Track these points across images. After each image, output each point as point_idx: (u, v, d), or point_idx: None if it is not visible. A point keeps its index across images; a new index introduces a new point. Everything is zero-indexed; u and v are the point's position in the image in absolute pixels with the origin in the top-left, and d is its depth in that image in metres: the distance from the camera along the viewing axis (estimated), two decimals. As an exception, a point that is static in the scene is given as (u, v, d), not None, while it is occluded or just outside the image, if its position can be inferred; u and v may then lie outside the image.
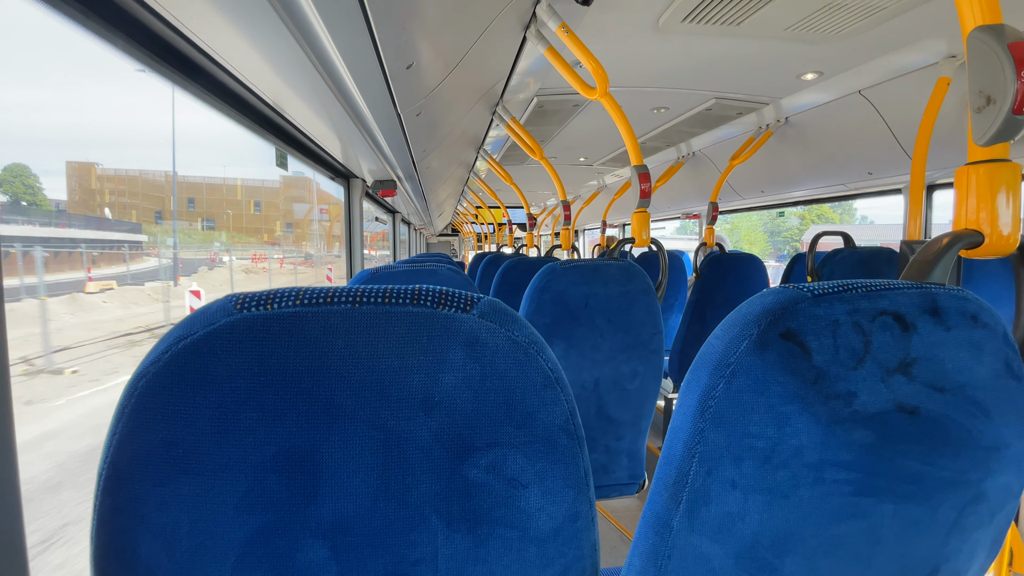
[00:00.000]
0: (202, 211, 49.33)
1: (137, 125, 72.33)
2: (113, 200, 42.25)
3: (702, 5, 1.39)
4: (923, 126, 1.62)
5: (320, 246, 52.19)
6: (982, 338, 0.47)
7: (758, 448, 0.44)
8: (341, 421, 0.39)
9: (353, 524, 0.40)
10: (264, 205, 51.48)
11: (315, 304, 0.39)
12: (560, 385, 0.42)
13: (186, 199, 47.96)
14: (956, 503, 0.48)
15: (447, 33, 1.21)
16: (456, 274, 1.23)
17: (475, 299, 0.41)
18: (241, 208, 51.03)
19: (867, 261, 1.82)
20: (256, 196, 51.37)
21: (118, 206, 42.12)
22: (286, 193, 51.31)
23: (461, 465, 0.41)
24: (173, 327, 0.39)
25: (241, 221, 50.87)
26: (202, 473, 0.38)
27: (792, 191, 2.93)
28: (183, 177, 48.83)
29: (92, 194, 41.18)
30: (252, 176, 65.35)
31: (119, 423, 0.38)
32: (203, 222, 48.97)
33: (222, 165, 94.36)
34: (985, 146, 0.58)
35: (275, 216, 52.08)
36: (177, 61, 0.98)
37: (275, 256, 37.41)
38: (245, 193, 51.33)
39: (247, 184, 51.59)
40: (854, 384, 0.44)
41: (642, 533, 0.51)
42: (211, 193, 50.21)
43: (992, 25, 0.57)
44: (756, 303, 0.46)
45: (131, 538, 0.38)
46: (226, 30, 0.88)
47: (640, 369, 1.43)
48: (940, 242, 0.55)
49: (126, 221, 39.42)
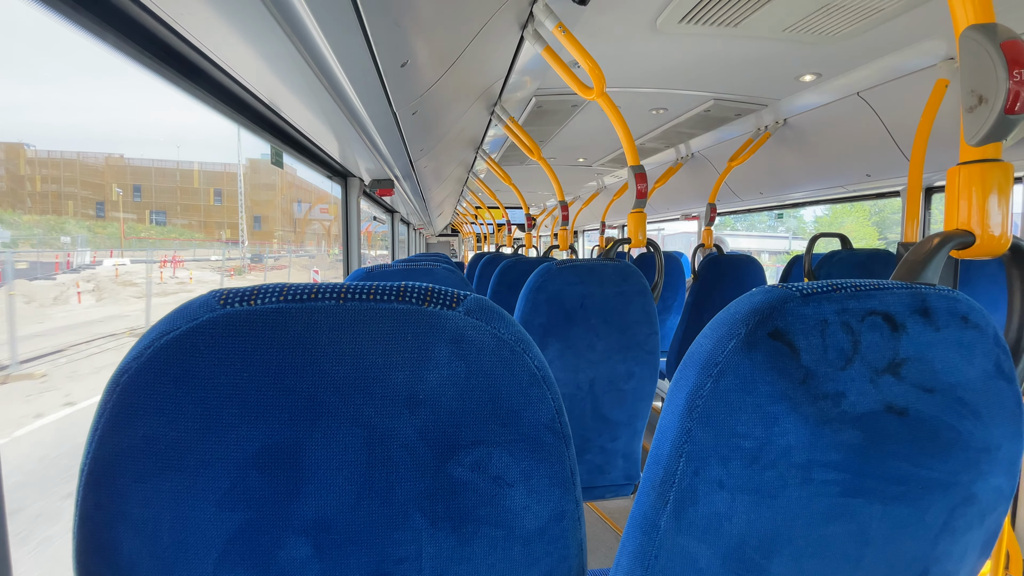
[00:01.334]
0: (150, 201, 40.49)
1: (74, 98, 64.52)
2: (46, 189, 35.39)
3: (699, 6, 1.38)
4: (921, 128, 1.62)
5: (313, 245, 45.41)
6: (972, 339, 0.47)
7: (745, 448, 0.44)
8: (324, 418, 0.39)
9: (336, 522, 0.40)
10: (227, 195, 42.99)
11: (299, 300, 0.39)
12: (546, 383, 0.42)
13: (131, 186, 39.86)
14: (946, 504, 0.47)
15: (442, 31, 1.21)
16: (452, 273, 1.23)
17: (461, 296, 0.41)
18: (199, 197, 42.59)
19: (864, 263, 1.82)
20: (217, 182, 43.07)
21: (52, 196, 35.50)
22: (255, 180, 43.61)
23: (446, 463, 0.40)
24: (156, 323, 0.39)
25: (199, 214, 42.41)
26: (184, 469, 0.38)
27: (791, 193, 2.93)
28: (128, 160, 40.46)
29: (21, 181, 34.59)
30: (213, 159, 56.85)
31: (101, 419, 0.37)
32: (152, 215, 40.59)
33: (175, 145, 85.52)
34: (977, 146, 0.58)
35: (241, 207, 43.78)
36: (171, 59, 0.98)
37: (240, 257, 32.66)
38: (203, 180, 42.84)
39: (207, 169, 43.07)
40: (843, 384, 0.43)
41: (630, 533, 0.51)
42: (163, 179, 41.36)
43: (984, 24, 0.56)
44: (744, 302, 0.46)
45: (113, 535, 0.38)
46: (219, 28, 0.87)
47: (636, 370, 1.43)
48: (931, 242, 0.55)
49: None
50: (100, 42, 0.83)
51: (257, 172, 43.87)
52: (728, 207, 3.50)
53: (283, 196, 44.34)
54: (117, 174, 39.28)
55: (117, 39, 0.83)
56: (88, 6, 0.77)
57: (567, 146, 3.27)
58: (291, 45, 0.87)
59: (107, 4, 0.79)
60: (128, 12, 0.81)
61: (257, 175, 44.20)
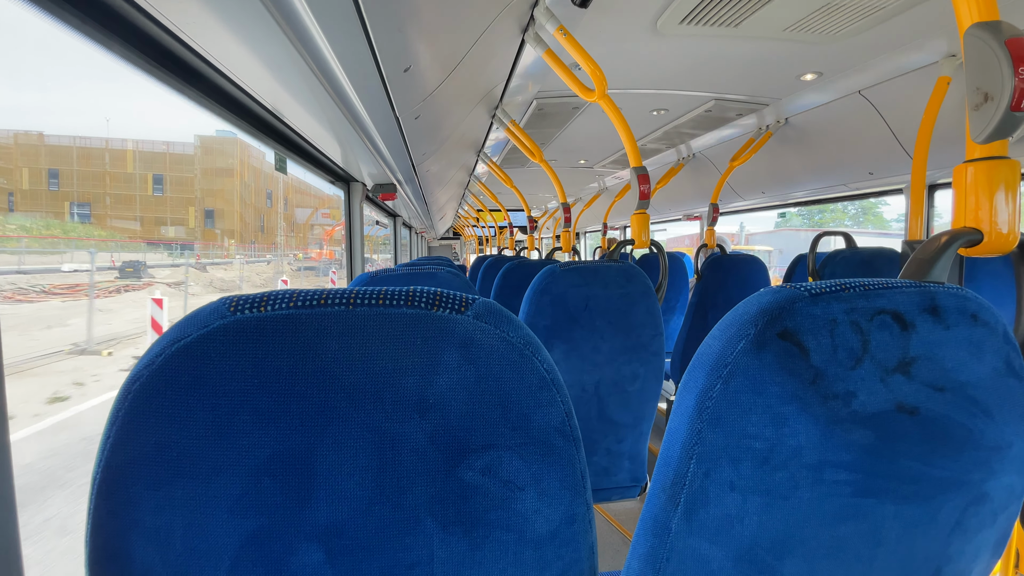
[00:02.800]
0: (70, 190, 31.51)
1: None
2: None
3: (700, 6, 1.39)
4: (923, 126, 1.62)
5: (280, 248, 38.10)
6: (982, 337, 0.47)
7: (756, 449, 0.44)
8: (335, 424, 0.39)
9: (348, 527, 0.40)
10: (170, 182, 33.71)
11: (309, 306, 0.39)
12: (556, 386, 0.42)
13: (45, 171, 30.88)
14: (958, 504, 0.47)
15: (444, 36, 1.22)
16: (456, 277, 1.23)
17: (470, 300, 0.41)
18: (133, 186, 32.85)
19: (869, 261, 1.81)
20: (156, 167, 33.47)
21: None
22: (207, 163, 34.20)
23: (456, 467, 0.40)
24: (167, 330, 0.39)
25: (133, 206, 32.78)
26: (196, 477, 0.38)
27: (793, 192, 2.92)
28: (47, 139, 31.51)
29: None
30: (152, 136, 41.92)
31: (113, 427, 0.38)
32: (73, 208, 31.72)
33: (104, 118, 68.32)
34: (983, 143, 0.58)
35: (187, 199, 34.16)
36: (176, 67, 0.98)
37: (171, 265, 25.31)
38: (140, 163, 33.05)
39: (143, 149, 33.23)
40: (853, 384, 0.43)
41: (640, 536, 0.50)
42: (86, 162, 31.80)
43: (989, 22, 0.56)
44: (753, 303, 0.46)
45: (125, 542, 0.38)
46: (223, 35, 0.88)
47: (641, 371, 1.43)
48: (939, 240, 0.55)
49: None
50: (106, 51, 0.83)
51: (210, 154, 34.17)
52: (730, 207, 3.50)
53: (243, 183, 35.26)
54: (30, 156, 30.76)
55: (123, 48, 0.84)
56: (93, 14, 0.77)
57: (568, 148, 3.27)
58: (295, 51, 0.87)
59: (113, 13, 0.79)
60: (134, 21, 0.82)
61: (210, 158, 34.29)
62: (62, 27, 0.75)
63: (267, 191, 39.97)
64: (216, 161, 34.92)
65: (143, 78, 0.92)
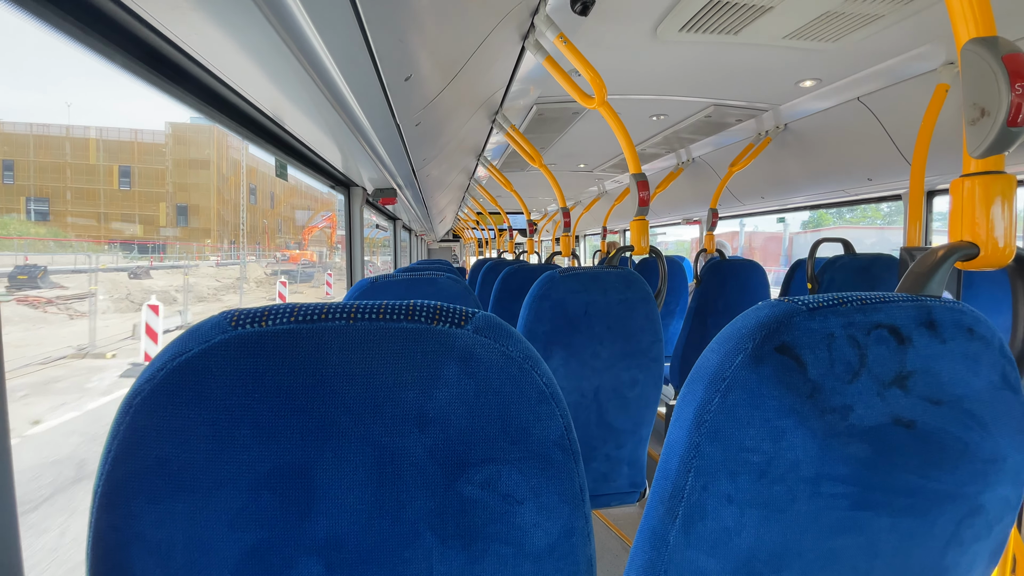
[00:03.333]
0: (26, 184, 28.01)
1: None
2: None
3: (699, 14, 1.39)
4: (922, 132, 1.62)
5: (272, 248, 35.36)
6: (978, 350, 0.47)
7: (754, 462, 0.44)
8: (335, 438, 0.39)
9: (347, 541, 0.40)
10: (140, 175, 30.15)
11: (310, 321, 0.39)
12: (555, 400, 0.42)
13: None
14: (954, 516, 0.47)
15: (445, 45, 1.22)
16: (456, 283, 1.23)
17: (469, 314, 0.41)
18: (97, 179, 29.29)
19: (867, 268, 1.82)
20: (123, 157, 29.72)
21: None
22: (179, 154, 30.66)
23: (455, 481, 0.41)
24: (168, 344, 0.39)
25: (96, 202, 29.27)
26: (196, 491, 0.38)
27: (792, 197, 2.93)
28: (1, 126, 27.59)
29: None
30: (116, 124, 35.26)
31: (114, 441, 0.38)
32: (29, 204, 28.23)
33: (65, 103, 61.20)
34: (980, 158, 0.58)
35: (158, 193, 30.56)
36: (177, 75, 0.99)
37: None
38: (104, 153, 29.40)
39: (108, 138, 29.56)
40: (850, 398, 0.44)
41: (639, 547, 0.51)
42: (45, 152, 28.43)
43: (986, 37, 0.57)
44: (751, 316, 0.46)
45: (126, 556, 0.38)
46: (225, 44, 0.88)
47: (640, 377, 1.43)
48: (936, 254, 0.55)
49: None
50: (108, 62, 0.84)
51: (183, 144, 30.44)
52: (730, 211, 3.50)
53: (221, 176, 31.52)
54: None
55: (125, 58, 0.84)
56: (96, 27, 0.78)
57: (568, 153, 3.28)
58: (296, 61, 0.88)
59: (115, 24, 0.80)
60: (134, 31, 0.82)
61: (183, 148, 30.52)
62: (56, 33, 0.75)
63: (251, 186, 35.94)
64: (190, 151, 31.00)
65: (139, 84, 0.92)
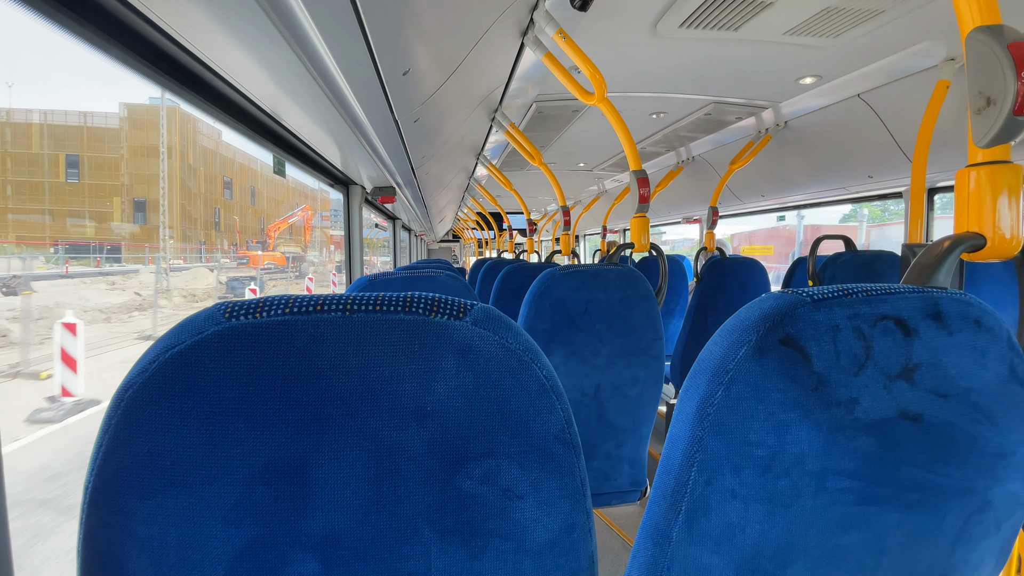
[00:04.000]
0: None
1: None
2: None
3: (699, 10, 1.39)
4: (923, 129, 1.62)
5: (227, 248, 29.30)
6: (986, 343, 0.46)
7: (758, 456, 0.43)
8: (331, 432, 0.38)
9: (344, 537, 0.39)
10: (92, 165, 25.61)
11: (305, 312, 0.38)
12: (555, 393, 0.41)
13: None
14: (962, 511, 0.47)
15: (444, 39, 1.21)
16: (455, 280, 1.23)
17: (468, 306, 0.41)
18: (41, 170, 24.98)
19: (869, 264, 1.81)
20: (70, 145, 25.32)
21: None
22: (137, 140, 25.90)
23: (454, 476, 0.40)
24: (161, 336, 0.39)
25: (39, 196, 24.91)
26: (189, 486, 0.37)
27: (793, 195, 2.93)
28: None
29: None
30: (64, 106, 27.41)
31: (105, 435, 0.37)
32: None
33: (6, 84, 49.59)
34: (986, 148, 0.58)
35: (112, 187, 26.03)
36: (175, 71, 0.98)
37: None
38: (49, 140, 25.15)
39: (54, 123, 25.24)
40: (856, 390, 0.43)
41: (641, 544, 0.50)
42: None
43: (991, 26, 0.56)
44: (755, 308, 0.45)
45: (118, 552, 0.38)
46: (222, 39, 0.88)
47: (641, 375, 1.42)
48: (941, 245, 0.54)
49: None
50: (103, 55, 0.83)
51: (140, 128, 25.53)
52: (730, 209, 3.50)
53: (187, 166, 27.06)
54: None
55: (121, 51, 0.84)
56: (92, 19, 0.77)
57: (568, 151, 3.27)
58: (293, 55, 0.87)
59: (111, 16, 0.79)
60: (133, 26, 0.82)
61: (141, 133, 25.59)
62: (60, 31, 0.75)
63: (225, 178, 30.86)
64: (150, 137, 25.33)
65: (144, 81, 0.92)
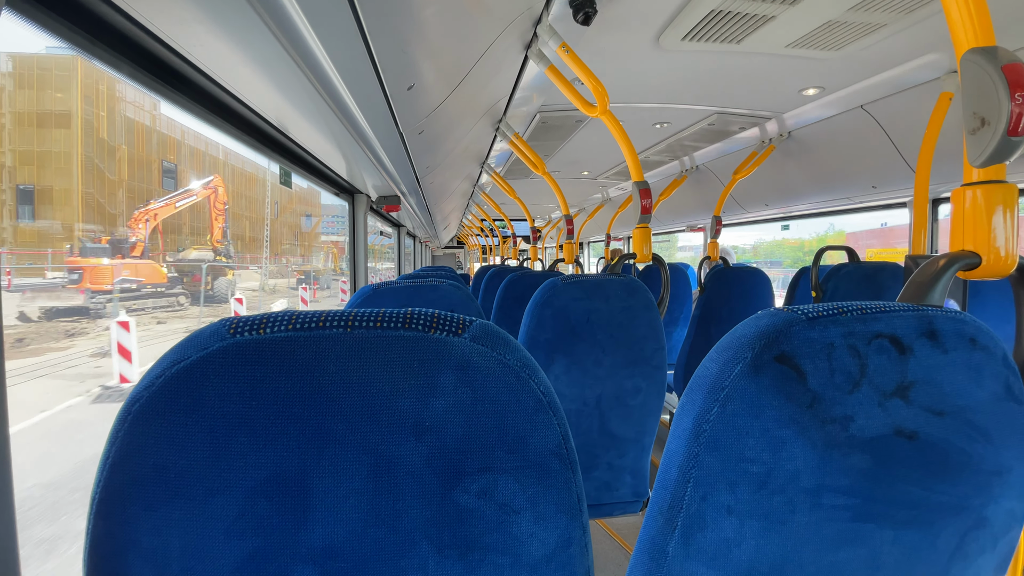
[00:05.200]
0: None
1: None
2: None
3: (702, 24, 1.40)
4: (926, 140, 1.62)
5: None
6: (981, 361, 0.47)
7: (753, 473, 0.44)
8: (332, 446, 0.39)
9: (343, 550, 0.40)
10: None
11: (307, 328, 0.39)
12: (552, 409, 0.42)
13: None
14: (958, 529, 0.47)
15: (448, 54, 1.23)
16: (458, 290, 1.23)
17: (467, 322, 0.41)
18: None
19: (872, 276, 1.81)
20: None
21: None
22: (28, 104, 18.01)
23: (452, 490, 0.41)
24: (167, 351, 0.40)
25: None
26: (193, 498, 0.38)
27: (797, 204, 2.92)
28: None
29: None
30: None
31: (112, 447, 0.38)
32: None
33: None
34: (981, 167, 0.58)
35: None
36: (184, 87, 1.00)
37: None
38: None
39: None
40: (850, 408, 0.43)
41: (637, 558, 0.50)
42: None
43: (986, 47, 0.57)
44: (751, 325, 0.46)
45: (123, 562, 0.38)
46: (229, 55, 0.90)
47: (643, 385, 1.42)
48: (937, 263, 0.55)
49: None
50: (114, 71, 0.85)
51: (28, 86, 18.13)
52: (734, 219, 3.50)
53: (99, 141, 18.74)
54: None
55: (132, 68, 0.86)
56: (104, 39, 0.79)
57: (571, 160, 3.29)
58: (300, 72, 0.89)
59: (123, 35, 0.81)
60: (142, 43, 0.84)
61: (32, 93, 18.22)
62: (70, 48, 0.77)
63: (164, 162, 22.36)
64: (47, 101, 18.08)
65: (153, 97, 0.93)
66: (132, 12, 0.76)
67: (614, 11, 1.32)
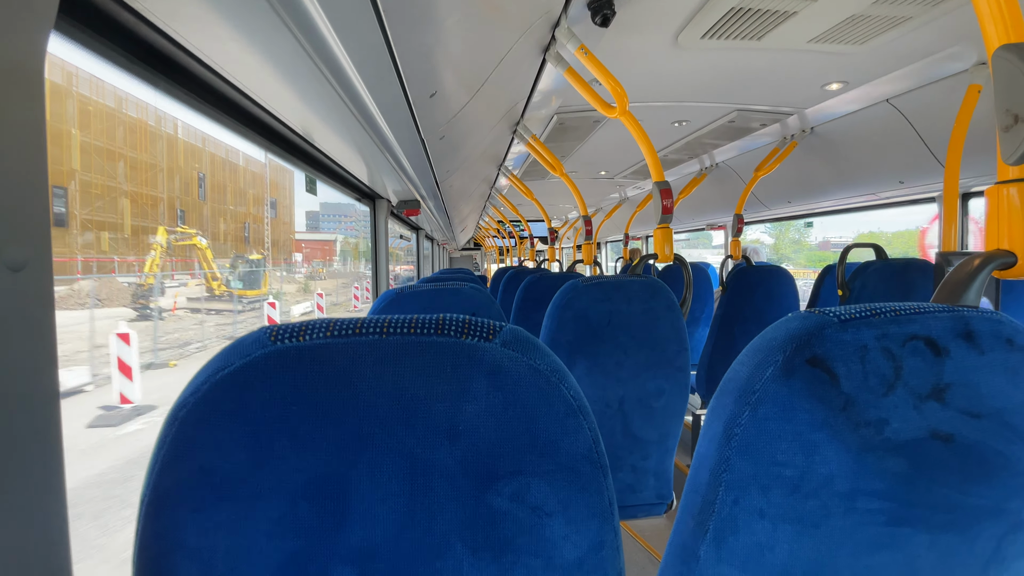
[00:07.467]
0: None
1: None
2: None
3: (721, 21, 1.39)
4: (955, 134, 1.58)
5: None
6: (1018, 362, 0.46)
7: (786, 477, 0.43)
8: (369, 450, 0.40)
9: (381, 551, 0.41)
10: None
11: (344, 335, 0.41)
12: (583, 413, 0.43)
13: None
14: (995, 532, 0.46)
15: (469, 61, 1.25)
16: (479, 293, 1.24)
17: (497, 328, 0.42)
18: None
19: (900, 273, 1.76)
20: None
21: None
22: None
23: (485, 493, 0.41)
24: (211, 359, 0.41)
25: None
26: (237, 500, 0.40)
27: (820, 201, 2.87)
28: None
29: None
30: None
31: (161, 451, 0.40)
32: None
33: None
34: (1015, 165, 0.57)
35: None
36: (214, 98, 1.03)
37: None
38: None
39: None
40: (885, 411, 0.43)
41: (668, 562, 0.50)
42: None
43: (1018, 44, 0.56)
44: (781, 328, 0.46)
45: (170, 563, 0.40)
46: (255, 65, 0.92)
47: (666, 387, 1.41)
48: (972, 263, 0.54)
49: None
50: (139, 81, 0.88)
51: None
52: (756, 216, 3.44)
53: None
54: None
55: (168, 83, 0.89)
56: (146, 59, 0.82)
57: (589, 160, 3.28)
58: (326, 81, 0.91)
59: (164, 56, 0.84)
60: (176, 59, 0.87)
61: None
62: (103, 63, 0.80)
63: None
64: None
65: (186, 111, 0.97)
66: (173, 34, 0.79)
67: (632, 12, 1.32)
